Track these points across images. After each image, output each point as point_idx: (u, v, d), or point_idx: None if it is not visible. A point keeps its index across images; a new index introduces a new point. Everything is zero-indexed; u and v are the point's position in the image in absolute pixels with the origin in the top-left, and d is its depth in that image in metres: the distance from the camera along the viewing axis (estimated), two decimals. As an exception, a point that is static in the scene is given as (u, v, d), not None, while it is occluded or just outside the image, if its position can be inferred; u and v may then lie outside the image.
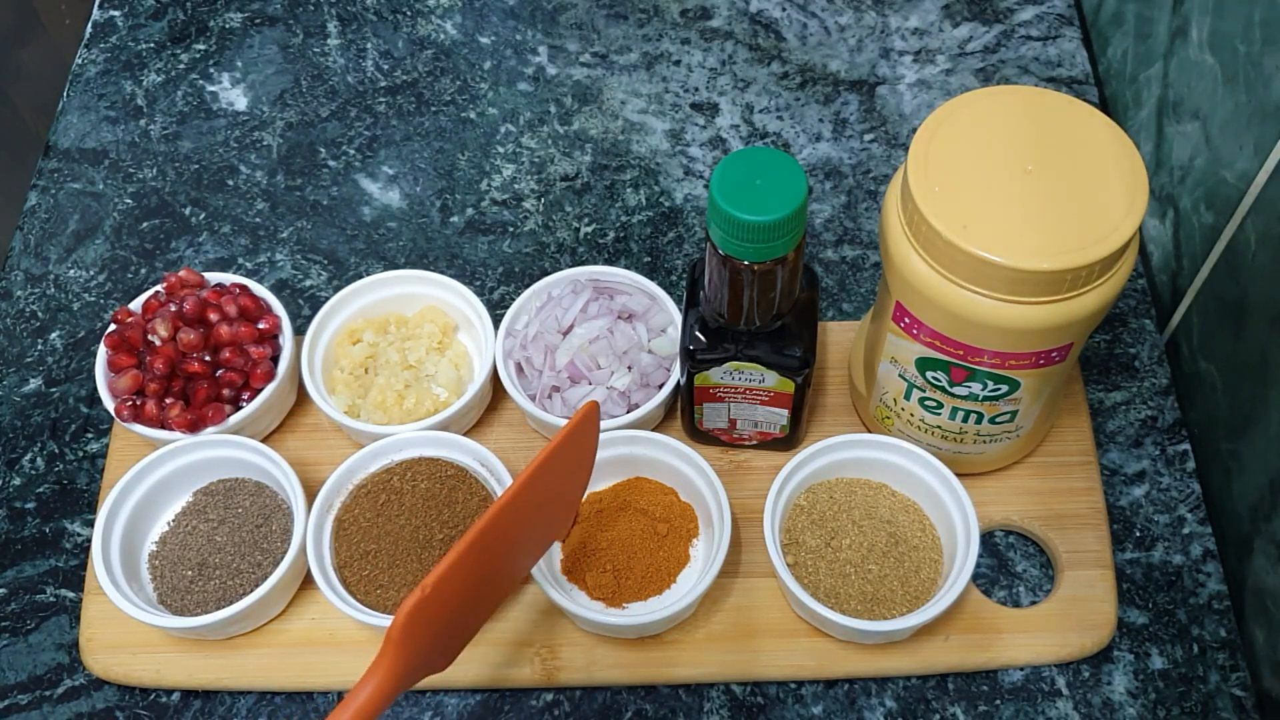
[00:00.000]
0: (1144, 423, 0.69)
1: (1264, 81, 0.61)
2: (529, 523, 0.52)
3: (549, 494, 0.53)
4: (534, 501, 0.51)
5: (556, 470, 0.52)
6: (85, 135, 0.84)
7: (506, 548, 0.51)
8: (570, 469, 0.54)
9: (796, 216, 0.50)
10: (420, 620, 0.46)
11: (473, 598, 0.50)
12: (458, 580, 0.47)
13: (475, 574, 0.49)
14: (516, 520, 0.50)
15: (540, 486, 0.51)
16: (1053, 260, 0.49)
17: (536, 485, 0.50)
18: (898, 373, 0.60)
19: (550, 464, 0.51)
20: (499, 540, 0.49)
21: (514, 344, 0.67)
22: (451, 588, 0.47)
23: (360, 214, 0.79)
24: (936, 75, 0.84)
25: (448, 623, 0.49)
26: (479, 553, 0.48)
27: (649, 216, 0.78)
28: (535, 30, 0.88)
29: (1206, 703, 0.60)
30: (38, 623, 0.65)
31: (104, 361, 0.66)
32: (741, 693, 0.61)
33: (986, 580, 0.64)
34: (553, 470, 0.51)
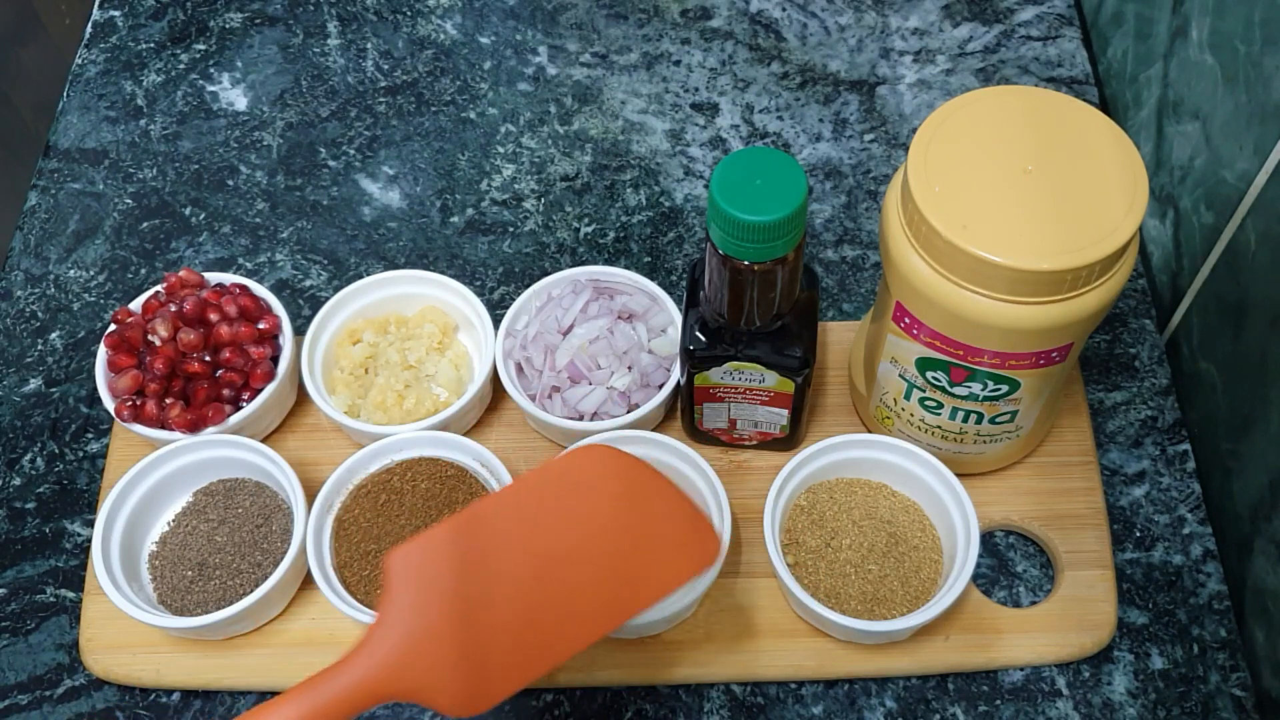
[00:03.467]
0: (1144, 423, 0.69)
1: (1264, 81, 0.61)
2: (588, 563, 0.48)
3: (606, 543, 0.49)
4: (585, 537, 0.48)
5: (607, 513, 0.49)
6: (85, 135, 0.84)
7: (538, 566, 0.48)
8: (636, 526, 0.50)
9: (796, 216, 0.50)
10: (433, 569, 0.44)
11: (512, 615, 0.47)
12: (483, 555, 0.46)
13: (511, 578, 0.46)
14: (549, 536, 0.47)
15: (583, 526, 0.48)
16: (1053, 260, 0.49)
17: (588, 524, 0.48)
18: (898, 373, 0.60)
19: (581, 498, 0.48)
20: (519, 543, 0.47)
21: (514, 344, 0.67)
22: (473, 563, 0.45)
23: (360, 214, 0.79)
24: (936, 75, 0.84)
25: (477, 625, 0.46)
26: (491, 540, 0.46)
27: (649, 216, 0.78)
28: (535, 30, 0.88)
29: (1206, 703, 0.60)
30: (38, 623, 0.65)
31: (104, 361, 0.66)
32: (741, 693, 0.61)
33: (986, 580, 0.64)
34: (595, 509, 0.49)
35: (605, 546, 0.49)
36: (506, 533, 0.48)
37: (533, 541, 0.48)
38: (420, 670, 0.45)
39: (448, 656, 0.46)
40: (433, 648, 0.46)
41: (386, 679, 0.45)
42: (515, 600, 0.47)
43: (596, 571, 0.49)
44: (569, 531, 0.49)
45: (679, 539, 0.51)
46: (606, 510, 0.50)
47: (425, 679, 0.45)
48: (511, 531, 0.49)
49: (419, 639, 0.45)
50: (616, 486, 0.51)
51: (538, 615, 0.47)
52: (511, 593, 0.47)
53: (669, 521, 0.51)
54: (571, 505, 0.50)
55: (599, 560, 0.49)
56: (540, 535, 0.48)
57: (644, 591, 0.49)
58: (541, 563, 0.48)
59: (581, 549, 0.49)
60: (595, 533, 0.49)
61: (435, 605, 0.46)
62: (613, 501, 0.50)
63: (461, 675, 0.46)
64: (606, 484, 0.51)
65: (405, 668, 0.45)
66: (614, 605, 0.49)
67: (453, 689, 0.46)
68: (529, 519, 0.49)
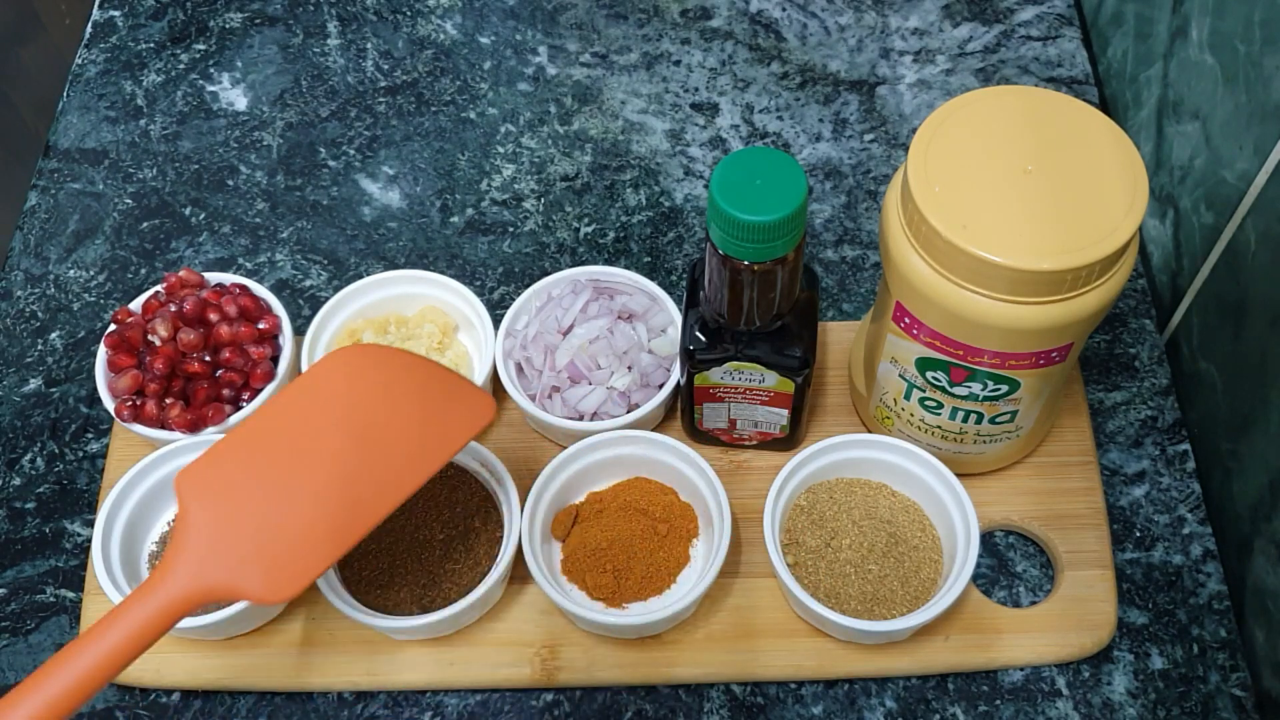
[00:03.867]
0: (1144, 423, 0.69)
1: (1264, 81, 0.61)
2: (362, 448, 0.53)
3: (371, 426, 0.54)
4: (345, 423, 0.53)
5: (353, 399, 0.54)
6: (85, 135, 0.84)
7: (316, 453, 0.52)
8: (386, 407, 0.55)
9: (796, 216, 0.50)
10: (218, 482, 0.50)
11: (301, 507, 0.51)
12: (264, 461, 0.51)
13: (292, 475, 0.51)
14: (321, 429, 0.53)
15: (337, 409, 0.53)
16: (1053, 260, 0.49)
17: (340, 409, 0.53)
18: (898, 373, 0.60)
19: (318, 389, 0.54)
20: (293, 437, 0.52)
21: (514, 344, 0.67)
22: (256, 469, 0.51)
23: (360, 214, 0.79)
24: (936, 75, 0.84)
25: (271, 521, 0.51)
26: (272, 444, 0.52)
27: (649, 216, 0.78)
28: (535, 30, 0.88)
29: (1206, 703, 0.60)
30: (38, 623, 0.65)
31: (104, 361, 0.66)
32: (741, 693, 0.61)
33: (986, 580, 0.64)
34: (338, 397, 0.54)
35: (378, 430, 0.53)
36: (284, 434, 0.53)
37: (310, 436, 0.53)
38: (224, 568, 0.49)
39: (248, 551, 0.50)
40: (232, 545, 0.50)
41: (195, 582, 0.49)
42: (303, 492, 0.51)
43: (375, 453, 0.53)
44: (339, 424, 0.53)
45: (450, 406, 0.56)
46: (375, 394, 0.54)
47: (231, 575, 0.49)
48: (288, 431, 0.53)
49: (217, 541, 0.50)
50: (379, 374, 0.55)
51: (330, 501, 0.52)
52: (298, 486, 0.51)
53: (438, 393, 0.56)
54: (336, 402, 0.54)
55: (375, 443, 0.53)
56: (316, 429, 0.53)
57: (427, 459, 0.54)
58: (322, 454, 0.52)
59: (356, 437, 0.53)
60: (365, 421, 0.53)
61: (225, 510, 0.50)
62: (379, 386, 0.55)
63: (264, 565, 0.50)
64: (368, 373, 0.55)
65: (210, 569, 0.49)
66: (400, 478, 0.53)
67: (259, 579, 0.50)
68: (303, 418, 0.53)
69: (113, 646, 0.46)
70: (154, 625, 0.47)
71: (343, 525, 0.52)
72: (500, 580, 0.60)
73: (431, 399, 0.56)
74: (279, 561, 0.51)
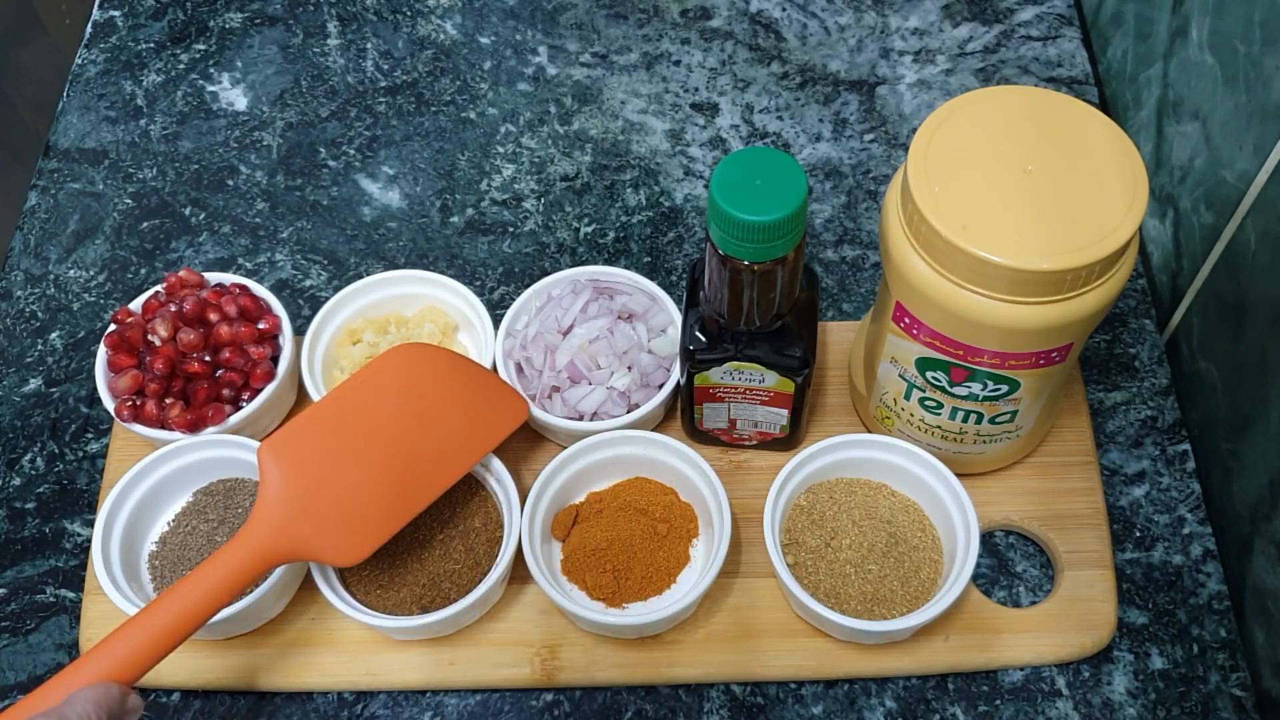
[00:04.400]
0: (1144, 423, 0.69)
1: (1264, 81, 0.61)
2: (420, 432, 0.60)
3: (437, 414, 0.61)
4: (420, 411, 0.60)
5: (433, 393, 0.61)
6: (85, 135, 0.84)
7: (394, 439, 0.59)
8: (453, 400, 0.61)
9: (796, 216, 0.50)
10: (295, 454, 0.56)
11: (367, 481, 0.58)
12: (334, 439, 0.57)
13: (359, 453, 0.58)
14: (403, 415, 0.59)
15: (417, 399, 0.60)
16: (1053, 260, 0.49)
17: (414, 399, 0.60)
18: (898, 373, 0.60)
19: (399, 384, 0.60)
20: (373, 421, 0.59)
21: (514, 344, 0.67)
22: (328, 446, 0.57)
23: (360, 214, 0.79)
24: (936, 75, 0.84)
25: (339, 491, 0.57)
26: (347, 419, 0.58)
27: (649, 216, 0.78)
28: (535, 30, 0.88)
29: (1206, 703, 0.60)
30: (38, 623, 0.65)
31: (104, 361, 0.66)
32: (741, 693, 0.61)
33: (986, 580, 0.64)
34: (424, 390, 0.61)
35: (434, 418, 0.60)
36: (352, 416, 0.59)
37: (375, 419, 0.59)
38: (303, 532, 0.55)
39: (322, 518, 0.56)
40: (309, 512, 0.56)
41: (276, 543, 0.55)
42: (370, 468, 0.58)
43: (431, 437, 0.60)
44: (400, 410, 0.59)
45: (491, 403, 0.63)
46: (431, 387, 0.61)
47: (308, 538, 0.56)
48: (355, 414, 0.59)
49: (296, 507, 0.56)
50: (434, 369, 0.61)
51: (390, 478, 0.58)
52: (366, 462, 0.58)
53: (481, 391, 0.63)
54: (397, 391, 0.60)
55: (431, 429, 0.60)
56: (381, 414, 0.59)
57: (474, 447, 0.61)
58: (387, 435, 0.59)
59: (415, 422, 0.59)
60: (423, 409, 0.60)
61: (305, 480, 0.56)
62: (430, 382, 0.61)
63: (336, 532, 0.56)
64: (424, 367, 0.61)
65: (290, 532, 0.55)
66: (451, 463, 0.60)
67: (332, 544, 0.56)
68: (369, 403, 0.59)
69: (204, 594, 0.52)
70: (238, 577, 0.54)
71: (403, 500, 0.58)
72: (500, 580, 0.60)
73: (477, 395, 0.62)
74: (349, 528, 0.57)
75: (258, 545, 0.54)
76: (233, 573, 0.53)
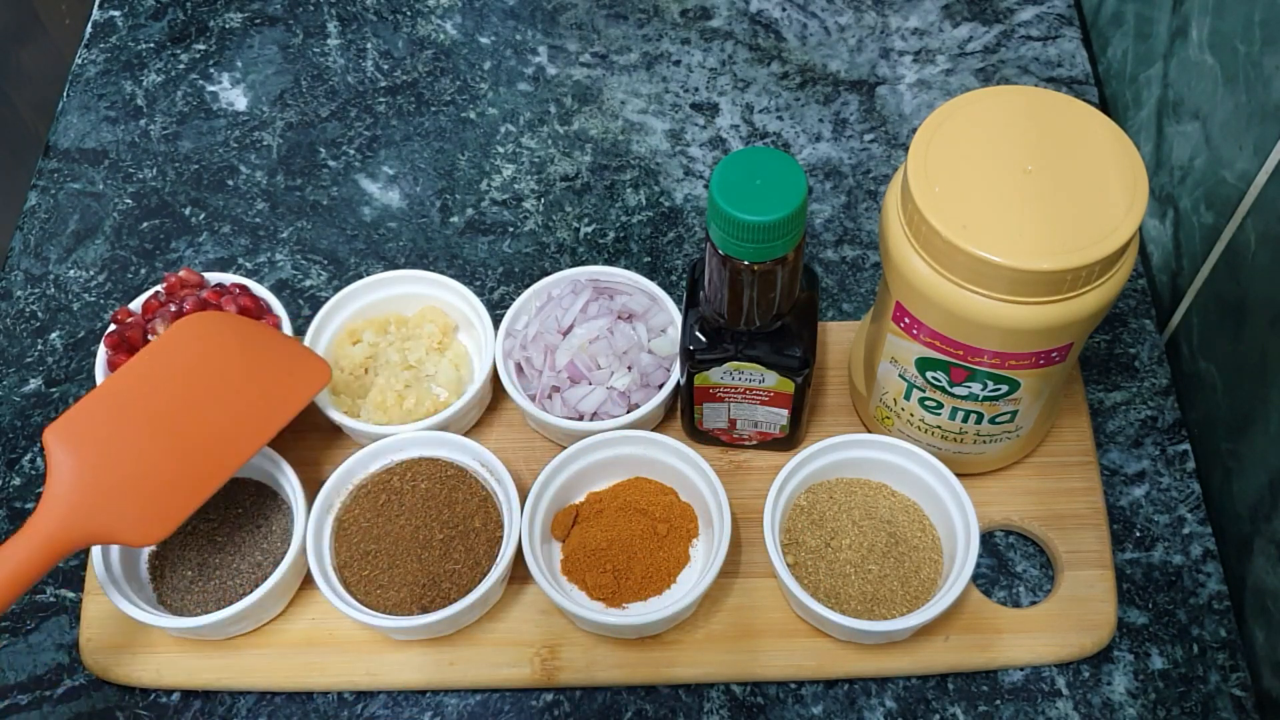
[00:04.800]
0: (1144, 423, 0.69)
1: (1264, 81, 0.61)
2: (216, 405, 0.59)
3: (229, 388, 0.60)
4: (209, 385, 0.59)
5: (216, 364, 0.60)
6: (85, 135, 0.84)
7: (180, 413, 0.58)
8: (243, 372, 0.60)
9: (796, 216, 0.50)
10: (84, 436, 0.55)
11: (163, 458, 0.57)
12: (126, 418, 0.56)
13: (152, 430, 0.57)
14: (186, 388, 0.58)
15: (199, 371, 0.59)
16: (1053, 260, 0.49)
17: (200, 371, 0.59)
18: (898, 373, 0.60)
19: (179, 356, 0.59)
20: (163, 397, 0.58)
21: (514, 344, 0.67)
22: (119, 426, 0.56)
23: (360, 214, 0.79)
24: (936, 75, 0.84)
25: (133, 469, 0.56)
26: (142, 399, 0.57)
27: (649, 216, 0.78)
28: (535, 30, 0.88)
29: (1206, 703, 0.60)
30: (38, 623, 0.65)
31: (104, 361, 0.66)
32: (741, 693, 0.61)
33: (986, 580, 0.64)
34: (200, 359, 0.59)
35: (230, 389, 0.59)
36: (145, 392, 0.57)
37: (169, 395, 0.58)
38: (97, 515, 0.54)
39: (118, 499, 0.55)
40: (102, 494, 0.55)
41: (68, 530, 0.54)
42: (166, 444, 0.56)
43: (228, 410, 0.59)
44: (194, 383, 0.58)
45: (291, 370, 0.62)
46: (227, 358, 0.60)
47: (104, 521, 0.55)
48: (149, 390, 0.58)
49: (88, 490, 0.54)
50: (229, 339, 0.60)
51: (188, 453, 0.57)
52: (161, 438, 0.56)
53: (281, 357, 0.62)
54: (190, 363, 0.59)
55: (227, 401, 0.59)
56: (175, 388, 0.58)
57: (275, 416, 0.60)
58: (180, 410, 0.58)
59: (210, 395, 0.59)
60: (217, 380, 0.59)
61: (96, 461, 0.55)
62: (225, 353, 0.60)
63: (134, 512, 0.55)
64: (219, 338, 0.60)
65: (82, 517, 0.54)
66: (251, 433, 0.59)
67: (131, 525, 0.55)
68: (162, 378, 0.58)
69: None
70: (28, 570, 0.52)
71: (204, 473, 0.58)
72: (500, 580, 0.60)
73: (276, 363, 0.62)
74: (146, 507, 0.56)
75: (47, 535, 0.53)
76: (19, 566, 0.52)
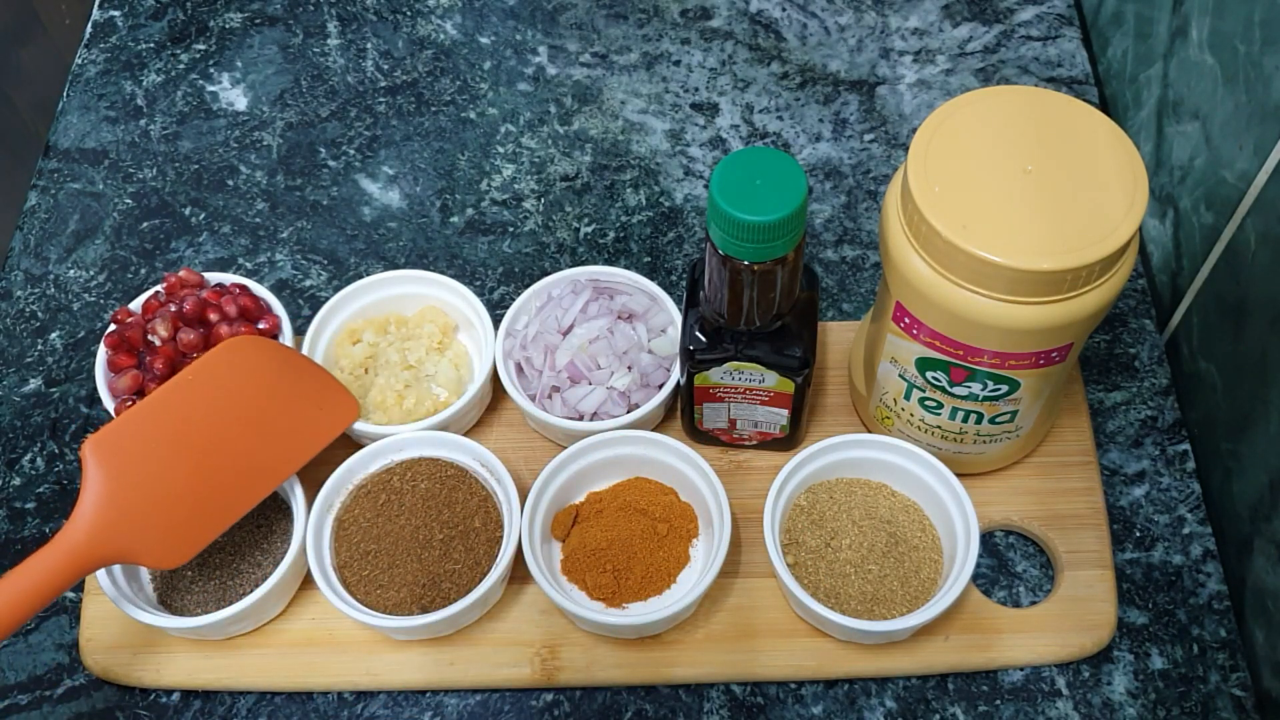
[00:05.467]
0: (1144, 423, 0.69)
1: (1264, 81, 0.61)
2: (249, 433, 0.59)
3: (268, 414, 0.60)
4: (249, 414, 0.59)
5: (266, 390, 0.60)
6: (85, 135, 0.84)
7: (219, 442, 0.58)
8: (284, 399, 0.61)
9: (796, 216, 0.50)
10: (121, 453, 0.55)
11: (193, 482, 0.57)
12: (162, 437, 0.56)
13: (186, 453, 0.57)
14: (227, 418, 0.58)
15: (248, 399, 0.59)
16: (1053, 260, 0.49)
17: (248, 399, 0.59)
18: (898, 373, 0.60)
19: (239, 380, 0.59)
20: (203, 424, 0.58)
21: (514, 344, 0.67)
22: (155, 445, 0.56)
23: (360, 214, 0.79)
24: (936, 75, 0.84)
25: (164, 491, 0.56)
26: (179, 422, 0.57)
27: (649, 216, 0.78)
28: (535, 30, 0.88)
29: (1206, 703, 0.60)
30: (38, 623, 0.65)
31: (104, 361, 0.66)
32: (741, 693, 0.61)
33: (986, 580, 0.64)
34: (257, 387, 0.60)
35: (263, 417, 0.59)
36: (181, 414, 0.57)
37: (205, 418, 0.58)
38: (123, 534, 0.54)
39: (145, 520, 0.55)
40: (131, 514, 0.55)
41: (96, 545, 0.53)
42: (198, 469, 0.56)
43: (259, 438, 0.59)
44: (230, 409, 0.58)
45: (321, 403, 0.62)
46: (263, 385, 0.60)
47: (129, 541, 0.55)
48: (185, 412, 0.57)
49: (119, 509, 0.54)
50: (266, 366, 0.60)
51: (217, 479, 0.57)
52: (194, 461, 0.57)
53: (313, 389, 0.62)
54: (229, 388, 0.59)
55: (260, 429, 0.59)
56: (210, 412, 0.58)
57: (302, 449, 0.61)
58: (215, 435, 0.58)
59: (244, 422, 0.59)
60: (253, 408, 0.59)
61: (129, 480, 0.55)
62: (262, 380, 0.60)
63: (158, 534, 0.55)
64: (256, 364, 0.60)
65: (110, 534, 0.54)
66: (279, 464, 0.60)
67: (155, 547, 0.55)
68: (199, 401, 0.58)
69: (13, 599, 0.51)
70: (52, 582, 0.52)
71: (230, 501, 0.58)
72: (500, 580, 0.60)
73: (309, 394, 0.62)
74: (171, 531, 0.56)
75: (75, 549, 0.53)
76: (45, 577, 0.52)
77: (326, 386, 0.63)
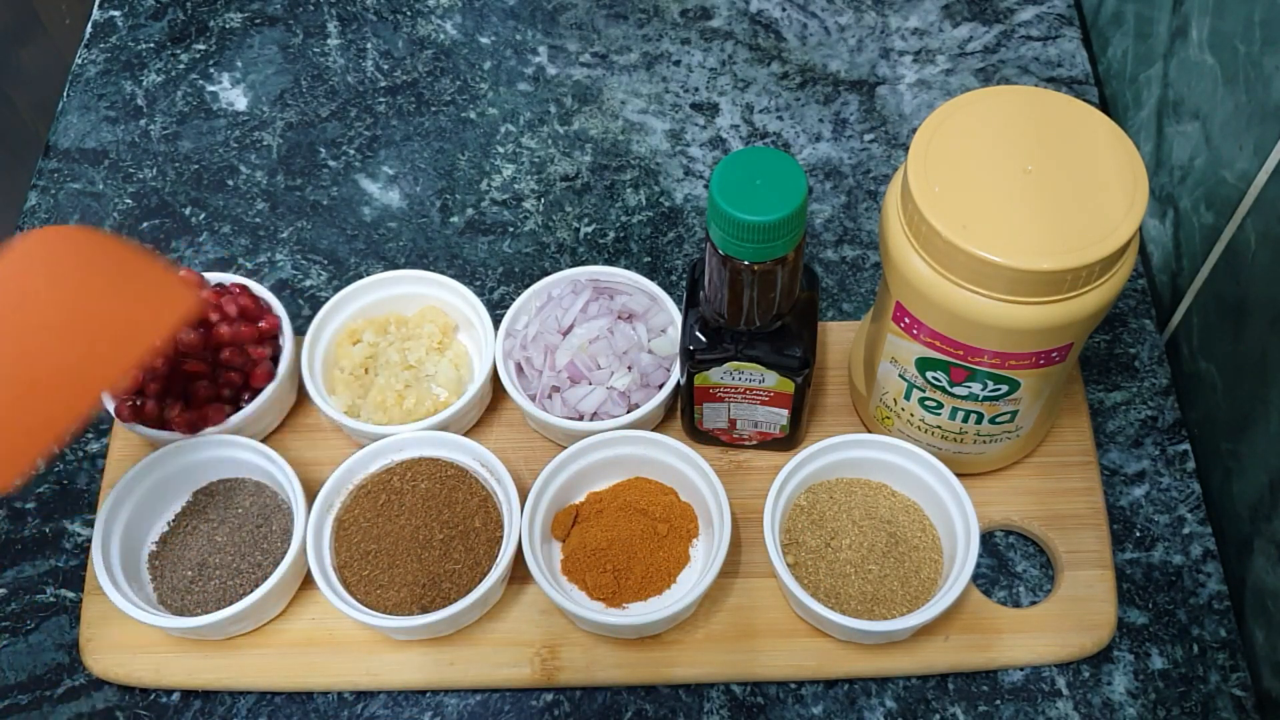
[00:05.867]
0: (1144, 423, 0.69)
1: (1264, 81, 0.61)
2: (61, 336, 0.52)
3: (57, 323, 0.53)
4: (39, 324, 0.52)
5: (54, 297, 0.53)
6: (85, 135, 0.84)
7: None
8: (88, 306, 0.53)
9: (796, 216, 0.50)
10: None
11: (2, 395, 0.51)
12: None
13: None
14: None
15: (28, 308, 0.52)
16: (1053, 260, 0.49)
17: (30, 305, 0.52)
18: (898, 373, 0.60)
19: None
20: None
21: (514, 344, 0.67)
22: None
23: (360, 214, 0.79)
24: (936, 75, 0.84)
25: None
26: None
27: (649, 216, 0.78)
28: (535, 30, 0.88)
29: (1206, 703, 0.60)
30: (38, 623, 0.65)
31: (104, 361, 0.66)
32: (741, 693, 0.61)
33: (986, 580, 0.64)
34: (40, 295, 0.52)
35: (81, 317, 0.52)
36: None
37: (10, 324, 0.51)
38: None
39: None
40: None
41: None
42: (10, 380, 0.50)
43: (75, 342, 0.52)
44: (40, 310, 0.52)
45: (151, 295, 0.54)
46: (78, 281, 0.53)
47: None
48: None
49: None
50: (80, 260, 0.54)
51: (35, 391, 0.51)
52: (4, 373, 0.50)
53: (139, 281, 0.55)
54: (42, 284, 0.52)
55: (78, 331, 0.52)
56: (17, 318, 0.51)
57: (134, 346, 0.53)
58: (25, 343, 0.51)
59: (58, 323, 0.52)
60: (68, 305, 0.52)
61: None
62: (81, 272, 0.53)
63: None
64: (69, 259, 0.53)
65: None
66: (108, 365, 0.52)
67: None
68: (4, 306, 0.52)
69: None
70: None
71: (54, 413, 0.51)
72: (500, 580, 0.60)
73: (134, 286, 0.55)
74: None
75: None
76: None
77: (156, 275, 0.55)
